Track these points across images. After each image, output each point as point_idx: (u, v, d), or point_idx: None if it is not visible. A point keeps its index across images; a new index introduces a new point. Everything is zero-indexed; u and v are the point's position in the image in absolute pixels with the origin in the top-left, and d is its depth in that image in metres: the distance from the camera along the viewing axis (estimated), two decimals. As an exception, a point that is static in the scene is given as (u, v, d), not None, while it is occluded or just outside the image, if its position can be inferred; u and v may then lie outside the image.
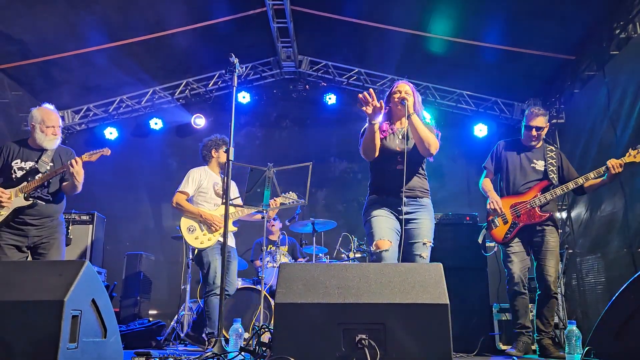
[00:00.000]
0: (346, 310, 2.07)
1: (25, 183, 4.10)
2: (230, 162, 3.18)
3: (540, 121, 4.33)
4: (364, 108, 3.35)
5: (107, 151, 4.19)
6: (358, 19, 7.18)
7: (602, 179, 4.09)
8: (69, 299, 2.04)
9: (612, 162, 4.04)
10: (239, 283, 5.84)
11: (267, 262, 5.70)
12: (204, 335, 4.87)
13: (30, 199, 4.07)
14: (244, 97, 8.21)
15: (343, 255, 6.10)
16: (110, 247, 7.40)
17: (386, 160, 3.56)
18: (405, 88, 3.62)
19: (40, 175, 4.14)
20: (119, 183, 7.90)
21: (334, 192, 8.27)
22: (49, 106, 4.36)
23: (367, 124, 3.58)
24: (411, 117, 3.41)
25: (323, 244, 6.22)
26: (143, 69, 7.80)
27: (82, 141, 8.31)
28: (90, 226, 5.71)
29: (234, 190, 5.20)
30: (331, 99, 8.21)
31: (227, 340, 4.32)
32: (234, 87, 3.64)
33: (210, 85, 8.32)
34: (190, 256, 5.51)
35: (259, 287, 5.55)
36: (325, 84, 8.44)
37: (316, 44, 8.11)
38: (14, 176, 4.13)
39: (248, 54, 8.12)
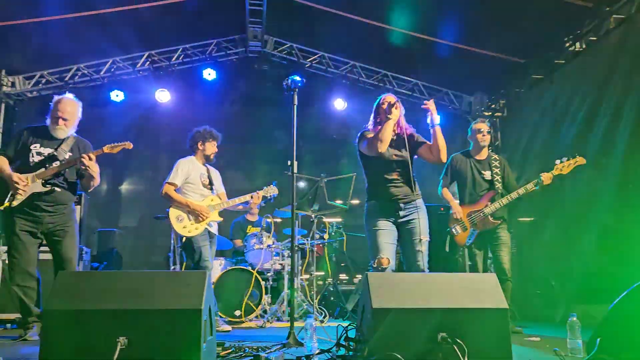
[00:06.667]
0: (429, 314, 2.53)
1: (43, 169, 4.11)
2: (295, 175, 3.47)
3: (484, 125, 5.05)
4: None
5: (129, 145, 4.27)
6: (325, 6, 7.39)
7: (536, 188, 4.78)
8: (203, 307, 2.33)
9: (544, 176, 4.73)
10: (222, 262, 6.12)
11: (254, 243, 6.00)
12: None
13: (47, 185, 4.09)
14: (209, 74, 8.22)
15: (317, 237, 6.50)
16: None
17: (382, 167, 3.92)
18: (392, 99, 3.92)
19: (57, 163, 4.15)
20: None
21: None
22: (66, 96, 4.32)
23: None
24: (435, 127, 3.84)
25: (300, 226, 6.56)
26: (104, 40, 7.57)
27: (34, 110, 7.96)
28: (79, 207, 5.64)
29: (218, 181, 5.39)
30: (295, 80, 8.43)
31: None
32: (294, 106, 3.87)
33: (173, 59, 8.23)
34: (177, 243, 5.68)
35: (246, 267, 5.87)
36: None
37: (282, 26, 8.25)
38: (31, 160, 4.13)
39: (214, 31, 8.15)
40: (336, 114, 8.75)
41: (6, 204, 4.00)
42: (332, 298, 6.60)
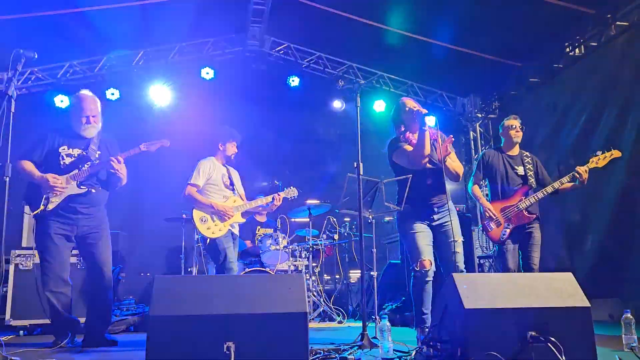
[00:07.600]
0: (519, 313, 2.60)
1: (76, 171, 3.97)
2: (361, 178, 3.48)
3: (517, 122, 4.98)
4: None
5: (166, 142, 4.19)
6: (323, 5, 7.39)
7: (574, 183, 4.77)
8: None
9: (580, 169, 4.71)
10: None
11: (270, 244, 5.96)
12: None
13: (82, 186, 3.96)
14: (207, 74, 8.10)
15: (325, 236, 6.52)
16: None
17: (416, 174, 3.94)
18: (422, 108, 3.93)
19: (89, 163, 4.02)
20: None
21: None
22: (85, 93, 4.19)
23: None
24: (450, 157, 3.96)
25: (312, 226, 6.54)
26: (98, 36, 7.35)
27: (23, 108, 7.60)
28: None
29: (238, 181, 5.32)
30: (294, 81, 8.41)
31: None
32: (358, 107, 3.86)
33: (170, 57, 8.07)
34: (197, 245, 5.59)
35: (265, 267, 5.83)
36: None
37: (280, 25, 8.20)
38: (62, 162, 3.98)
39: (212, 29, 8.05)
40: (333, 114, 8.77)
41: (41, 207, 3.85)
42: (343, 298, 6.65)
